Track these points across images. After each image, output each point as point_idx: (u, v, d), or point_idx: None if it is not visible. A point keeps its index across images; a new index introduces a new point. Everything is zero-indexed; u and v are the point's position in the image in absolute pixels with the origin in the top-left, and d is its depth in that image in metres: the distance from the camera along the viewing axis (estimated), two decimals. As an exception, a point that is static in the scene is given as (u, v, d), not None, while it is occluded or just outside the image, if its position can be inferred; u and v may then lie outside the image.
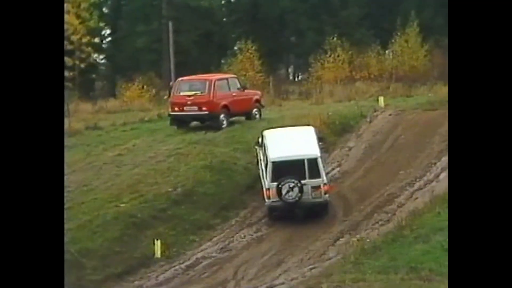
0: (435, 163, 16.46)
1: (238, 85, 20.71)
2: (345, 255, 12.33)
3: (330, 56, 32.60)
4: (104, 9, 40.28)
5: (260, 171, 15.98)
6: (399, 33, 32.78)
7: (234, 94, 20.19)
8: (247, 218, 15.38)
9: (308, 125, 18.51)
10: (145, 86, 31.41)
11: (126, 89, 31.51)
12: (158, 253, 13.78)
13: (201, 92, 19.70)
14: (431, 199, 14.19)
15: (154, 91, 31.43)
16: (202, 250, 14.06)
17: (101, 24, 36.20)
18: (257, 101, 20.87)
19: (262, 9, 42.68)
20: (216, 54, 41.44)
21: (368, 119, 20.11)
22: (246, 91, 20.95)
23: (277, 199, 15.08)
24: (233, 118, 20.25)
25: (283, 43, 43.65)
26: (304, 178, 15.05)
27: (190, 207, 15.39)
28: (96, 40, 36.24)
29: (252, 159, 17.16)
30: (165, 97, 31.34)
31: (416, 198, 15.01)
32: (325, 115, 19.90)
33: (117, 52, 40.09)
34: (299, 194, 14.98)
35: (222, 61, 37.91)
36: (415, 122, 19.60)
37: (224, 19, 44.71)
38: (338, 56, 32.61)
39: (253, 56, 33.68)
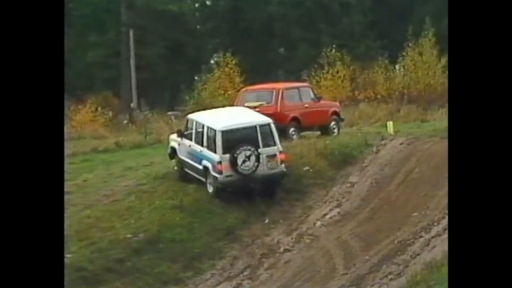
0: (456, 203, 16.55)
1: (312, 95, 22.19)
2: (346, 316, 12.30)
3: (327, 72, 32.89)
4: (49, 14, 40.37)
5: (183, 161, 17.62)
6: (411, 45, 33.17)
7: (306, 105, 21.63)
8: (225, 271, 15.35)
9: (302, 157, 18.64)
10: (99, 109, 31.46)
11: (75, 112, 31.50)
12: (113, 315, 13.71)
13: (267, 103, 21.08)
14: (452, 247, 14.22)
15: (110, 114, 31.47)
16: (169, 311, 14.04)
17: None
18: (335, 113, 22.44)
19: (244, 16, 43.12)
20: (188, 69, 41.71)
21: (374, 149, 20.24)
22: (322, 101, 22.45)
23: (231, 172, 16.34)
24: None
25: (271, 57, 44.02)
26: (258, 147, 16.46)
27: (154, 257, 15.33)
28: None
29: (233, 198, 17.15)
30: (125, 121, 31.56)
31: (434, 247, 15.02)
32: (322, 143, 20.02)
33: (64, 67, 40.11)
34: (256, 164, 16.34)
35: (196, 78, 38.13)
36: (432, 152, 19.74)
37: (198, 27, 45.06)
38: (337, 72, 32.92)
39: (234, 71, 33.89)
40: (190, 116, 18.52)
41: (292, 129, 21.10)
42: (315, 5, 43.11)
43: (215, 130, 16.77)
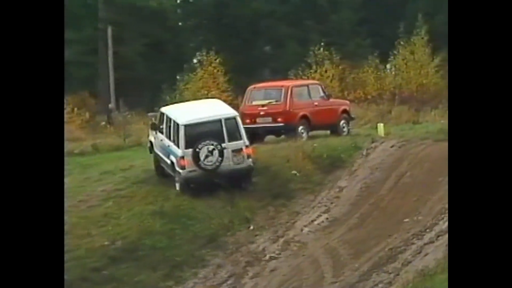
0: (450, 209, 16.61)
1: (322, 93, 22.81)
2: (335, 327, 12.32)
3: (316, 71, 32.95)
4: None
5: (158, 155, 18.19)
6: (402, 43, 33.29)
7: (315, 103, 22.27)
8: (208, 279, 15.35)
9: (288, 160, 18.66)
10: (75, 109, 31.35)
11: (51, 113, 31.40)
12: (90, 327, 13.69)
13: (276, 101, 21.92)
14: (445, 255, 14.24)
15: (87, 115, 31.37)
16: (148, 322, 14.03)
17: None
18: (345, 111, 23.03)
19: (229, 12, 43.12)
20: (170, 68, 41.62)
21: (364, 152, 20.28)
22: (331, 100, 23.09)
23: (194, 168, 16.80)
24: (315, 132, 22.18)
25: (256, 55, 44.02)
26: (223, 142, 16.95)
27: (133, 265, 15.33)
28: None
29: (215, 203, 17.18)
30: (103, 122, 31.46)
31: (426, 255, 15.07)
32: (309, 146, 20.05)
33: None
34: (220, 159, 16.84)
35: (177, 77, 38.08)
36: (425, 156, 19.80)
37: (180, 24, 45.01)
38: (325, 71, 32.98)
39: (218, 71, 33.90)
40: (162, 109, 19.01)
41: (301, 127, 21.74)
42: (303, 1, 43.16)
43: (178, 124, 17.20)
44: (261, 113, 21.74)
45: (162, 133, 18.24)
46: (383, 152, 20.24)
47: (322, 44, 33.76)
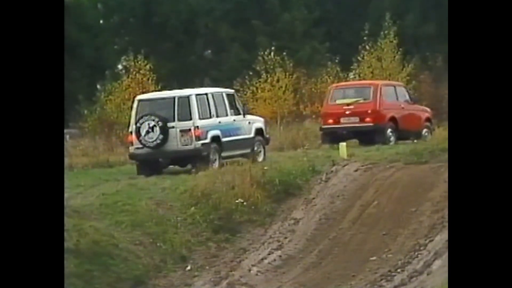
0: (425, 245, 16.79)
1: (407, 96, 25.19)
2: None
3: (266, 80, 33.12)
4: None
5: None
6: (368, 47, 33.68)
7: (402, 106, 24.57)
8: (135, 331, 15.29)
9: (233, 186, 18.72)
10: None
11: None
12: None
13: (364, 99, 24.16)
14: (419, 300, 14.46)
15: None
16: None
17: None
18: (428, 120, 25.57)
19: (160, 8, 43.22)
20: (88, 76, 41.48)
21: (323, 177, 20.43)
22: (415, 105, 25.49)
23: (140, 145, 19.53)
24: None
25: (194, 61, 44.16)
26: (173, 120, 19.48)
27: (44, 314, 15.18)
28: None
29: (143, 239, 17.13)
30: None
31: (397, 299, 15.26)
32: (259, 170, 20.13)
33: None
34: (161, 137, 19.26)
35: (98, 87, 37.93)
36: (394, 181, 20.00)
37: (101, 22, 44.91)
38: (277, 80, 33.18)
39: (148, 79, 33.84)
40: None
41: (389, 129, 23.80)
42: (249, -4, 43.45)
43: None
44: (347, 112, 23.91)
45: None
46: (345, 177, 20.41)
47: (273, 48, 33.93)
